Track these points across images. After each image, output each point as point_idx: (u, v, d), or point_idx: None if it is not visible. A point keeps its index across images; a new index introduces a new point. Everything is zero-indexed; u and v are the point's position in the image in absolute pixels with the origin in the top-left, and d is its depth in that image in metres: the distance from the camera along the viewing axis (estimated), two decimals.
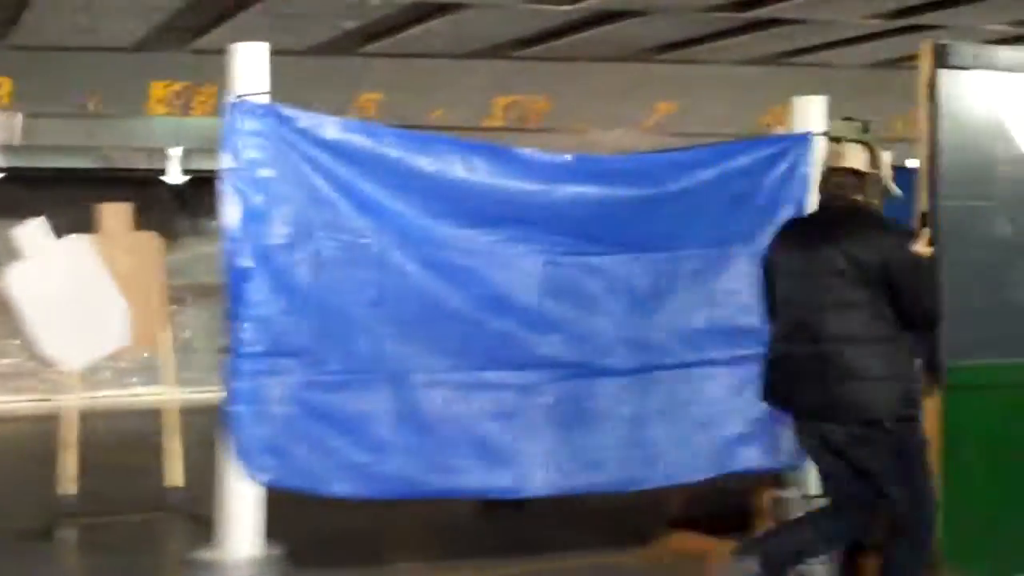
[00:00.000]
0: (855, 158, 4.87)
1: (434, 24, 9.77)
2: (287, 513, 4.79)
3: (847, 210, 4.84)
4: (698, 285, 5.62)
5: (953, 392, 5.49)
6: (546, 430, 5.15)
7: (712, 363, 5.62)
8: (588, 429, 5.28)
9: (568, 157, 5.39)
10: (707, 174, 5.57)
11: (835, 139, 5.01)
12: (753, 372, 5.59)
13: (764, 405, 5.13)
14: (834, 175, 4.90)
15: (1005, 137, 5.64)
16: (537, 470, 5.15)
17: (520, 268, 5.15)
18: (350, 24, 9.55)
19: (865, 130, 6.04)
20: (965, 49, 5.57)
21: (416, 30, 9.97)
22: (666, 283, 5.55)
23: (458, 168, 5.00)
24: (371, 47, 10.72)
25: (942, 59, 5.48)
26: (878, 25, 10.01)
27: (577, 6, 9.39)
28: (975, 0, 9.28)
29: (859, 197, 4.84)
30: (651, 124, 12.79)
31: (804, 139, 5.74)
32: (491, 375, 5.01)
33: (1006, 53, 5.65)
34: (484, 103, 12.24)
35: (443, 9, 9.34)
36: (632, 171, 5.53)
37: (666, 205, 5.53)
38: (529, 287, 5.16)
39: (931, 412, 5.50)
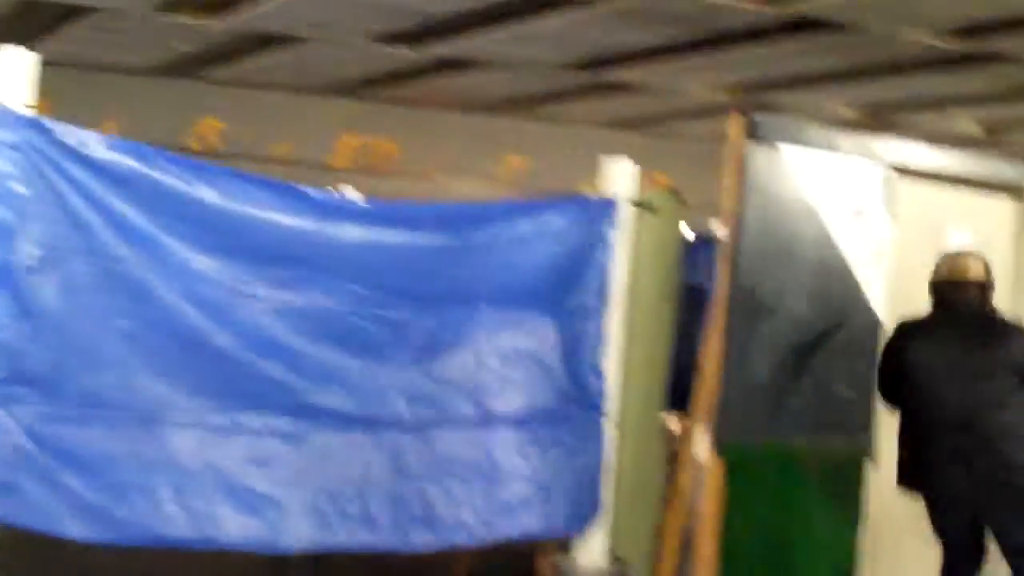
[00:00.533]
0: (978, 270, 5.52)
1: (276, 56, 9.55)
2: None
3: (987, 315, 5.52)
4: (492, 343, 5.42)
5: (731, 471, 5.41)
6: (311, 482, 4.87)
7: (499, 423, 5.42)
8: (359, 484, 5.02)
9: (362, 200, 5.17)
10: (513, 230, 5.39)
11: (956, 254, 5.69)
12: (541, 434, 5.43)
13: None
14: (961, 290, 5.52)
15: (812, 215, 5.60)
16: (299, 523, 4.87)
17: (298, 311, 4.88)
18: (185, 47, 9.26)
19: (678, 200, 5.99)
20: (774, 123, 5.52)
21: (258, 61, 9.73)
22: (458, 338, 5.33)
23: (240, 202, 4.72)
24: (215, 74, 10.45)
25: (751, 131, 5.42)
26: (722, 100, 10.09)
27: (423, 53, 9.25)
28: (820, 81, 9.39)
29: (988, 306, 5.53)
30: (503, 176, 12.68)
31: (610, 203, 5.62)
32: (255, 420, 4.73)
33: (815, 130, 5.62)
34: (330, 141, 12.02)
35: (284, 42, 9.12)
36: (434, 219, 5.31)
37: (467, 257, 5.33)
38: (306, 331, 4.90)
39: (710, 488, 5.42)
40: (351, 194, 5.79)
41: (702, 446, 5.51)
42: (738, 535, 5.38)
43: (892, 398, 5.67)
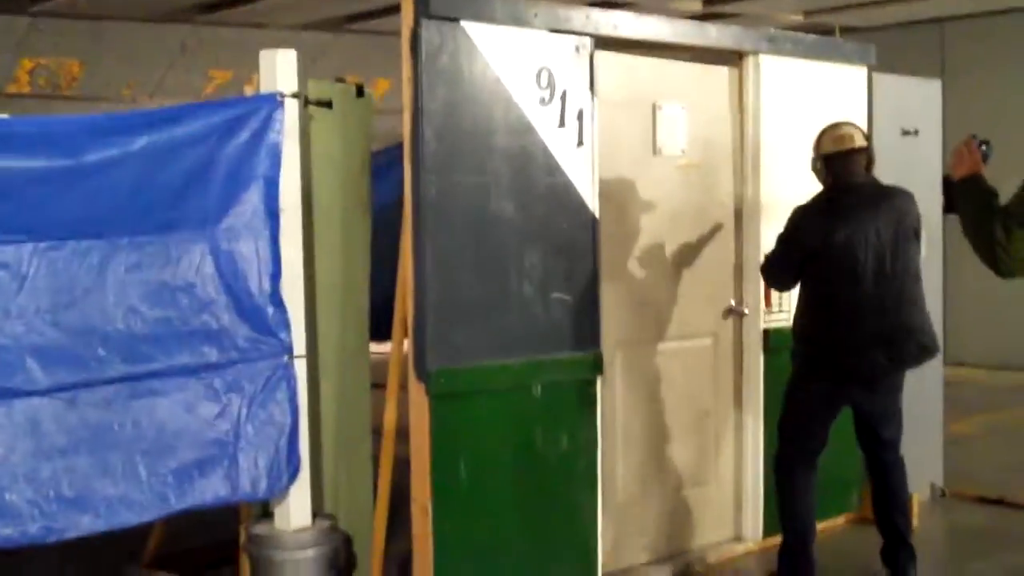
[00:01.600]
0: (860, 137, 5.27)
1: None
2: None
3: (874, 183, 5.29)
4: (137, 281, 4.51)
5: (440, 401, 4.68)
6: None
7: (159, 376, 4.53)
8: None
9: None
10: (142, 143, 4.47)
11: (835, 124, 5.34)
12: (215, 384, 4.57)
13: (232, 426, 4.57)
14: (851, 156, 5.23)
15: (505, 100, 4.86)
16: None
17: None
18: None
19: (359, 93, 5.17)
20: None
21: None
22: (92, 280, 4.41)
23: None
24: None
25: (424, 7, 4.62)
26: None
27: None
28: None
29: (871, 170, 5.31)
30: (211, 92, 11.57)
31: (271, 100, 4.73)
32: None
33: (502, 2, 4.85)
34: (7, 67, 10.66)
35: None
36: (35, 138, 4.35)
37: (86, 181, 4.39)
38: None
39: (419, 424, 4.69)
40: None
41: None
42: (454, 471, 4.69)
43: (792, 280, 5.34)
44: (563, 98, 5.04)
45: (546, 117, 4.99)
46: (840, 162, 5.22)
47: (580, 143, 5.11)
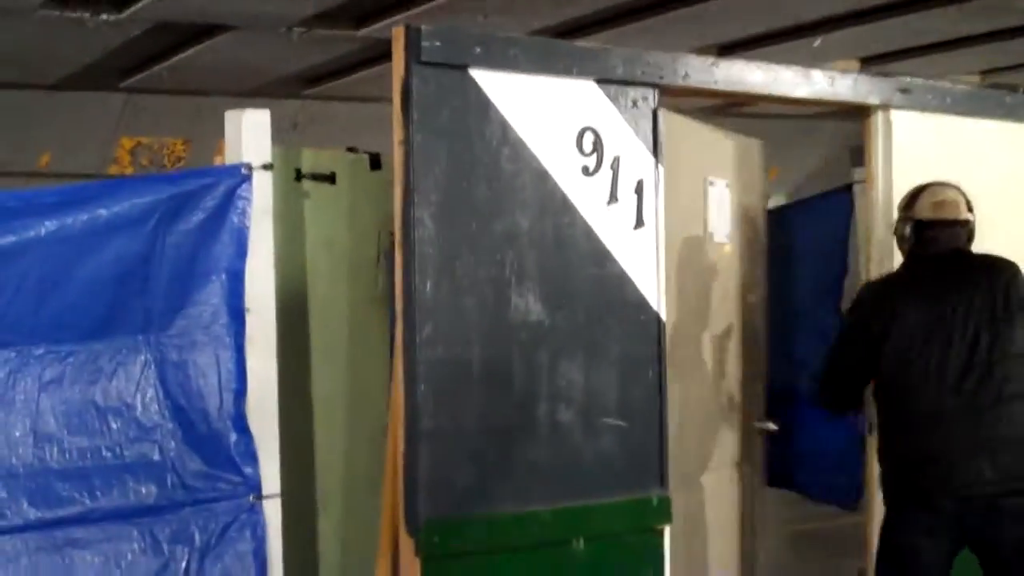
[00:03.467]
0: (966, 207, 4.19)
1: None
2: None
3: (967, 253, 4.17)
4: (55, 401, 3.57)
5: (435, 564, 3.55)
6: None
7: (81, 523, 3.57)
8: None
9: None
10: (51, 227, 3.54)
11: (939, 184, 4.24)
12: (154, 532, 3.61)
13: None
14: (951, 229, 4.14)
15: (533, 169, 3.76)
16: None
17: None
18: None
19: (375, 166, 4.19)
20: (457, 38, 3.65)
21: None
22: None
23: None
24: None
25: (418, 49, 3.56)
26: None
27: None
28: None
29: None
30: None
31: (233, 173, 3.76)
32: None
33: (516, 44, 3.76)
34: (105, 147, 10.10)
35: None
36: None
37: None
38: None
39: None
40: None
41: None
42: None
43: (856, 386, 4.17)
44: (615, 167, 3.91)
45: (591, 191, 3.87)
46: (934, 233, 4.12)
47: (640, 223, 3.95)
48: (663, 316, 3.98)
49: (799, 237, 5.77)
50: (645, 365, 3.94)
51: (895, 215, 4.45)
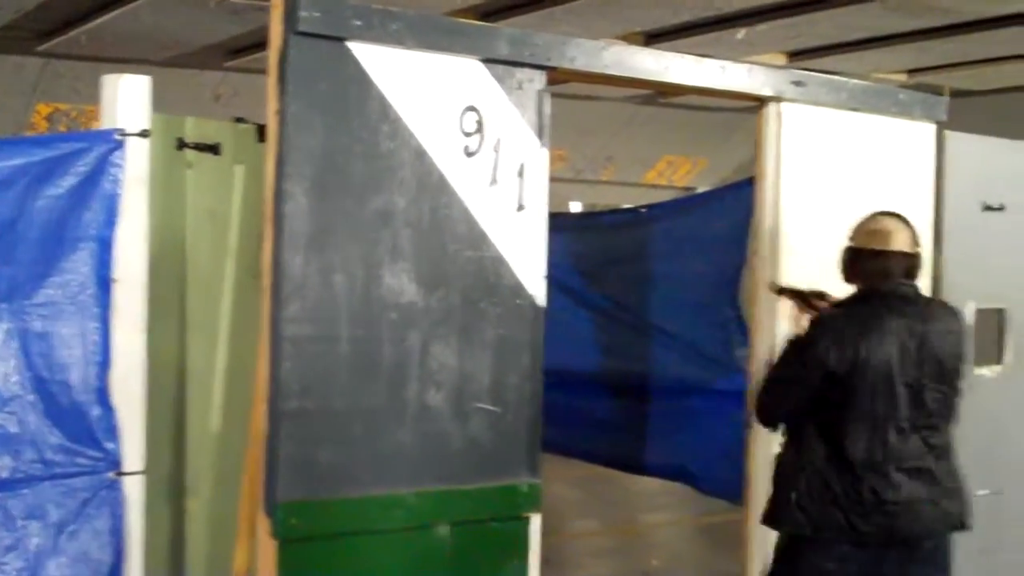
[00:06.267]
0: (906, 240, 4.01)
1: None
2: None
3: (917, 295, 4.05)
4: None
5: (293, 547, 3.49)
6: None
7: None
8: None
9: None
10: None
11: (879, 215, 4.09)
12: (7, 507, 3.55)
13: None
14: (887, 259, 3.97)
15: (412, 148, 3.70)
16: None
17: None
18: None
19: (264, 137, 4.11)
20: (336, 8, 3.57)
21: None
22: None
23: None
24: None
25: (294, 19, 3.49)
26: None
27: None
28: None
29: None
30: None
31: (107, 138, 3.67)
32: None
33: (406, 21, 3.68)
34: (20, 112, 9.89)
35: None
36: None
37: None
38: None
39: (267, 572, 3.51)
40: None
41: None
42: None
43: (799, 408, 3.97)
44: (497, 148, 3.86)
45: (472, 172, 3.81)
46: (871, 263, 3.98)
47: (521, 207, 3.91)
48: (541, 301, 3.93)
49: (701, 228, 5.76)
50: (520, 350, 3.90)
51: (782, 208, 4.44)
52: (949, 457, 3.99)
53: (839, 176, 4.72)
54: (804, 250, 4.63)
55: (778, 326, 4.56)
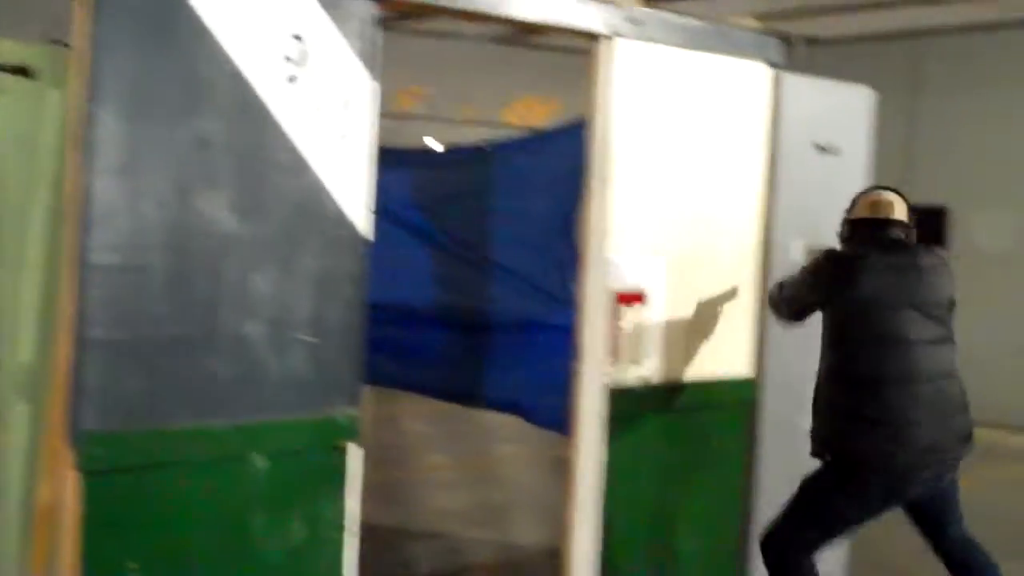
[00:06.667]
0: (902, 209, 4.49)
1: None
2: None
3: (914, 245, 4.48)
4: None
5: (98, 480, 3.41)
6: None
7: None
8: None
9: None
10: None
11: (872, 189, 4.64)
12: None
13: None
14: (885, 227, 4.45)
15: (229, 73, 3.60)
16: None
17: None
18: None
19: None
20: None
21: None
22: None
23: None
24: None
25: None
26: None
27: None
28: None
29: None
30: None
31: None
32: None
33: None
34: None
35: None
36: None
37: None
38: None
39: (65, 513, 3.41)
40: None
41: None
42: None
43: (811, 307, 4.52)
44: (322, 76, 3.78)
45: (295, 100, 3.73)
46: (872, 231, 4.46)
47: (345, 136, 3.84)
48: (364, 232, 3.89)
49: (542, 166, 5.75)
50: (342, 281, 3.85)
51: (613, 148, 4.46)
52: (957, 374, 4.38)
53: (674, 116, 4.76)
54: (637, 191, 4.65)
55: (608, 264, 4.59)
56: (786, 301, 4.57)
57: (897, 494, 4.34)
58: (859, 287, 4.25)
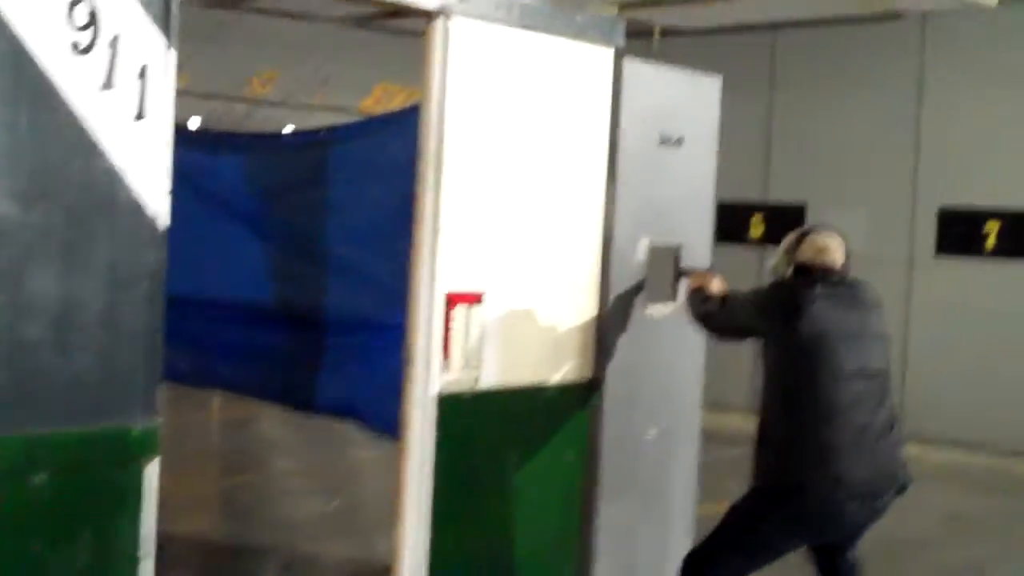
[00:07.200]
0: (843, 253, 4.52)
1: None
2: None
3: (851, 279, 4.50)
4: None
5: None
6: None
7: None
8: None
9: None
10: None
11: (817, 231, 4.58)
12: None
13: None
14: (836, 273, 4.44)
15: (5, 39, 3.20)
16: None
17: None
18: None
19: None
20: None
21: None
22: None
23: None
24: None
25: None
26: None
27: None
28: None
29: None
30: None
31: None
32: None
33: None
34: None
35: None
36: None
37: None
38: None
39: None
40: None
41: None
42: None
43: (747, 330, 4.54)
44: (113, 46, 3.40)
45: (82, 72, 3.34)
46: (820, 273, 4.42)
47: (141, 115, 3.46)
48: (163, 222, 3.52)
49: (379, 153, 5.43)
50: (138, 276, 3.47)
51: (447, 132, 4.16)
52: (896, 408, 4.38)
53: (512, 101, 4.48)
54: (473, 181, 4.36)
55: (439, 258, 4.30)
56: (722, 318, 4.52)
57: (832, 525, 4.26)
58: (809, 320, 4.20)
